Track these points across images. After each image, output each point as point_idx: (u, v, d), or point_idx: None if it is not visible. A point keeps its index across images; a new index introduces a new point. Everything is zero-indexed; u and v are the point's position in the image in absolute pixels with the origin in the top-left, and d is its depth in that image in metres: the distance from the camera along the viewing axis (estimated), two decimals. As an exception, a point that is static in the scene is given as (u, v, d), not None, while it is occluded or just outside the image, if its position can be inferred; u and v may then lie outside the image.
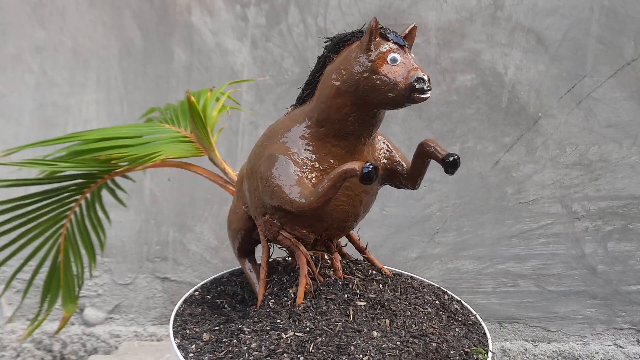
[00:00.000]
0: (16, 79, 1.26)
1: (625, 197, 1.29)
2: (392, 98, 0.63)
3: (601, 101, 1.25)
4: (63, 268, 0.96)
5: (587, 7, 1.21)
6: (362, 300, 0.72)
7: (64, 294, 0.98)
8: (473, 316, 0.79)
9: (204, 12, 1.23)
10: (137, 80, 1.26)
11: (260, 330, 0.69)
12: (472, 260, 1.33)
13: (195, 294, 0.87)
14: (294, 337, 0.66)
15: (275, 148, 0.71)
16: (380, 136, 0.76)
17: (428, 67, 1.24)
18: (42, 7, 1.23)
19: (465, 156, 1.28)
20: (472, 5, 1.21)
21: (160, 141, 0.89)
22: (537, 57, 1.23)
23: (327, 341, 0.65)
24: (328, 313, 0.69)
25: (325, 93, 0.68)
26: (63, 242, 0.94)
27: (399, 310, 0.71)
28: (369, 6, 1.21)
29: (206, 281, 0.91)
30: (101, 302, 1.38)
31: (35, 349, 1.37)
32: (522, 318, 1.36)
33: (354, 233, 0.83)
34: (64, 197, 0.89)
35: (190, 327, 0.76)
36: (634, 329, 1.36)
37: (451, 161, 0.65)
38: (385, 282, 0.77)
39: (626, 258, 1.32)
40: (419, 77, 0.61)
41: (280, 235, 0.74)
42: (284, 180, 0.68)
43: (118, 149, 0.86)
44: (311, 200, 0.64)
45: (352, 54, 0.65)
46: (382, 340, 0.66)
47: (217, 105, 0.96)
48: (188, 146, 0.90)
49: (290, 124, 0.72)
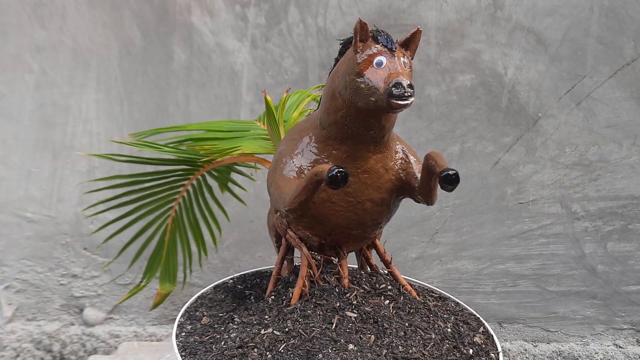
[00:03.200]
0: (16, 79, 1.26)
1: (625, 198, 1.29)
2: (374, 102, 0.60)
3: (601, 101, 1.25)
4: (167, 248, 1.02)
5: (587, 7, 1.21)
6: (355, 312, 0.69)
7: (162, 273, 1.03)
8: (493, 353, 0.69)
9: (203, 12, 1.23)
10: (137, 80, 1.26)
11: (247, 323, 0.70)
12: (471, 260, 1.33)
13: (229, 281, 0.89)
14: (270, 335, 0.66)
15: (284, 147, 0.72)
16: (402, 145, 0.72)
17: (428, 67, 1.24)
18: (42, 7, 1.23)
19: (465, 156, 1.28)
20: (472, 5, 1.21)
21: (244, 137, 0.94)
22: (537, 57, 1.23)
23: (299, 344, 0.64)
24: (310, 317, 0.68)
25: (324, 95, 0.68)
26: (171, 223, 1.00)
27: (392, 329, 0.68)
28: (369, 6, 1.21)
29: (247, 272, 0.93)
30: (101, 302, 1.38)
31: (35, 349, 1.37)
32: (521, 318, 1.36)
33: (380, 245, 0.80)
34: (173, 179, 0.96)
35: (201, 310, 0.79)
36: (634, 329, 1.36)
37: (443, 176, 0.60)
38: (393, 299, 0.73)
39: (626, 258, 1.32)
40: (397, 82, 0.57)
41: (287, 234, 0.75)
42: (280, 180, 0.68)
43: (212, 141, 0.92)
44: (287, 201, 0.64)
45: (347, 57, 0.64)
46: (354, 355, 0.63)
47: (300, 106, 0.98)
48: (266, 143, 0.93)
49: (304, 124, 0.73)
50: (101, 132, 1.28)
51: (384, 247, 0.81)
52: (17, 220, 1.31)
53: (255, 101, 1.27)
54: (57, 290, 1.36)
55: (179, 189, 0.97)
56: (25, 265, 1.34)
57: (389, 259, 0.80)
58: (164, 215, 0.99)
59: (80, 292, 1.37)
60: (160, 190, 0.96)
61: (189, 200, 1.00)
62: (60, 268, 1.35)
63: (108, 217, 1.02)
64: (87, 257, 1.35)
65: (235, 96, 1.27)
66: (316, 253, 0.76)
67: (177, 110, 1.27)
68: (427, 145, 1.27)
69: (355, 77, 0.61)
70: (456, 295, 1.39)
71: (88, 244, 1.34)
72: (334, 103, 0.65)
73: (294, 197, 0.63)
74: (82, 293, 1.37)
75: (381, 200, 0.71)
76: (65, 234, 1.33)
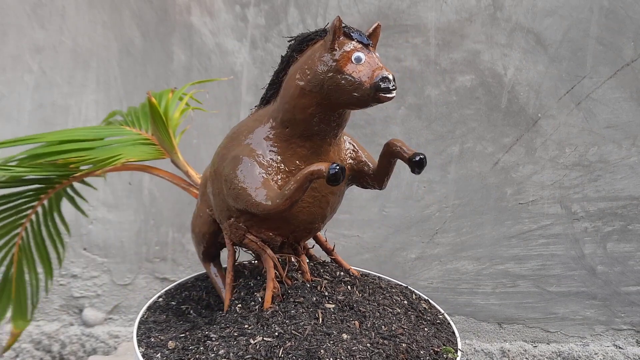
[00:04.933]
0: (16, 79, 1.26)
1: (625, 198, 1.29)
2: (357, 98, 0.62)
3: (600, 102, 1.25)
4: (15, 281, 0.90)
5: (586, 8, 1.21)
6: (331, 302, 0.71)
7: (14, 309, 0.92)
8: (441, 315, 0.78)
9: (203, 12, 1.23)
10: (136, 80, 1.26)
11: (228, 336, 0.67)
12: (471, 260, 1.33)
13: (159, 300, 0.85)
14: (262, 343, 0.65)
15: (240, 150, 0.69)
16: (347, 136, 0.75)
17: (428, 67, 1.24)
18: (42, 7, 1.23)
19: (464, 157, 1.28)
20: (472, 6, 1.21)
21: (121, 144, 0.86)
22: (537, 57, 1.23)
23: (297, 345, 0.64)
24: (297, 317, 0.68)
25: (289, 93, 0.67)
26: (17, 252, 0.89)
27: (368, 312, 0.71)
28: (368, 6, 1.22)
29: (170, 287, 0.88)
30: (100, 302, 1.38)
31: (35, 349, 1.37)
32: (521, 319, 1.36)
33: (321, 235, 0.82)
34: (19, 203, 0.84)
35: (155, 335, 0.74)
36: (634, 329, 1.36)
37: (417, 161, 0.65)
38: (353, 284, 0.76)
39: (625, 259, 1.32)
40: (384, 77, 0.60)
41: (246, 239, 0.72)
42: (249, 182, 0.66)
43: (77, 152, 0.81)
44: (277, 202, 0.63)
45: (316, 54, 0.65)
46: (352, 343, 0.65)
47: (179, 106, 0.93)
48: (149, 149, 0.87)
49: (254, 125, 0.71)
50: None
51: (324, 236, 0.83)
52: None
53: (255, 101, 1.27)
54: (57, 290, 1.36)
55: (27, 211, 0.85)
56: (25, 265, 1.34)
57: (331, 247, 0.82)
58: (8, 244, 0.87)
59: (80, 292, 1.37)
60: (2, 218, 0.83)
61: (37, 224, 0.88)
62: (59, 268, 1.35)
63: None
64: (86, 258, 1.35)
65: (234, 96, 1.27)
66: (275, 253, 0.76)
67: (176, 110, 1.27)
68: (427, 146, 1.27)
69: (334, 74, 0.62)
70: (456, 296, 1.40)
71: (88, 244, 1.34)
72: (302, 101, 0.65)
73: (286, 198, 0.62)
74: (81, 293, 1.37)
75: (340, 191, 0.74)
76: (64, 234, 1.33)
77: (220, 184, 0.71)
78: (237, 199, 0.67)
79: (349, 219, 1.32)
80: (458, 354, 0.70)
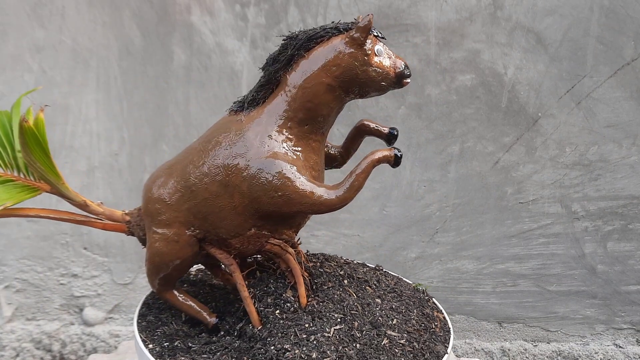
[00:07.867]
0: (16, 79, 1.26)
1: (625, 197, 1.29)
2: (384, 86, 0.69)
3: (601, 101, 1.25)
4: None
5: (586, 7, 1.20)
6: (344, 278, 0.77)
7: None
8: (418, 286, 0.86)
9: (203, 12, 1.23)
10: (137, 80, 1.26)
11: (300, 341, 0.65)
12: (471, 260, 1.34)
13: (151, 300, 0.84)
14: (337, 331, 0.67)
15: (266, 155, 0.68)
16: None
17: (428, 67, 1.24)
18: (42, 7, 1.23)
19: (464, 156, 1.28)
20: (472, 5, 1.21)
21: None
22: (537, 57, 1.23)
23: (363, 322, 0.69)
24: (344, 299, 0.71)
25: (312, 92, 0.68)
26: None
27: (367, 279, 0.79)
28: (368, 6, 1.21)
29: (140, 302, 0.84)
30: (101, 301, 1.38)
31: (35, 349, 1.37)
32: (521, 318, 1.36)
33: None
34: None
35: (157, 331, 0.75)
36: (634, 329, 1.36)
37: (395, 134, 0.76)
38: (339, 264, 0.83)
39: (626, 258, 1.32)
40: (405, 65, 0.69)
41: (267, 245, 0.72)
42: (301, 184, 0.66)
43: None
44: (344, 195, 0.66)
45: (342, 50, 0.67)
46: (385, 304, 0.74)
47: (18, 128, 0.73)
48: (17, 187, 0.73)
49: (260, 129, 0.69)
50: (101, 132, 1.28)
51: None
52: (17, 219, 1.31)
53: (255, 101, 1.27)
54: (57, 289, 1.36)
55: None
56: (25, 264, 1.34)
57: (296, 240, 0.82)
58: None
59: (80, 291, 1.37)
60: None
61: None
62: (60, 268, 1.35)
63: None
64: (87, 257, 1.35)
65: (235, 96, 1.27)
66: None
67: (176, 110, 1.27)
68: (427, 145, 1.27)
69: (367, 67, 0.68)
70: (456, 295, 1.40)
71: (88, 244, 1.34)
72: (327, 97, 0.68)
73: (355, 189, 0.66)
74: (82, 293, 1.37)
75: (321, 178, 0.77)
76: (65, 233, 1.33)
77: (231, 198, 0.68)
78: (290, 203, 0.66)
79: (349, 218, 1.32)
80: None
